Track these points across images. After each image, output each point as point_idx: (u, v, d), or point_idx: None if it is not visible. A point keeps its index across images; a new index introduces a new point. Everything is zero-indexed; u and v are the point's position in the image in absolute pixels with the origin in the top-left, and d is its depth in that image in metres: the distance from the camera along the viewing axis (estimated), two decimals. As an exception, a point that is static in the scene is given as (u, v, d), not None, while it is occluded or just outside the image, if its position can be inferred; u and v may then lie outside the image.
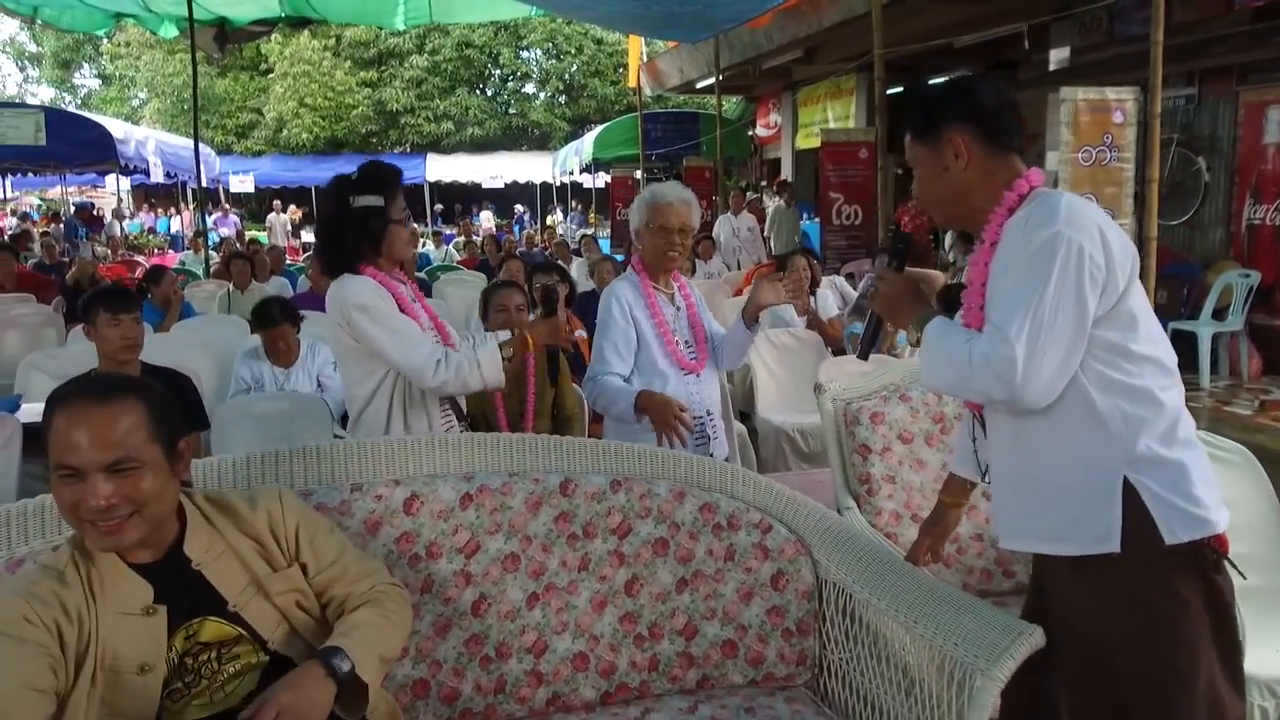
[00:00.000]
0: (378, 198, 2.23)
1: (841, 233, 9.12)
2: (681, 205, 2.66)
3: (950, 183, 1.67)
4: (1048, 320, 1.46)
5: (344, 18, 13.66)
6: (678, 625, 1.95)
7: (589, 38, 25.27)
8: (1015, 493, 1.64)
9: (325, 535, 1.60)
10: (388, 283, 2.27)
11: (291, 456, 1.83)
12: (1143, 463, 1.49)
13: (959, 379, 1.56)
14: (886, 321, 1.83)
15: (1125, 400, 1.51)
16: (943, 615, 1.68)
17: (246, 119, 25.25)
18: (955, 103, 1.66)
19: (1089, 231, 1.49)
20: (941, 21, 8.94)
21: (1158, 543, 1.47)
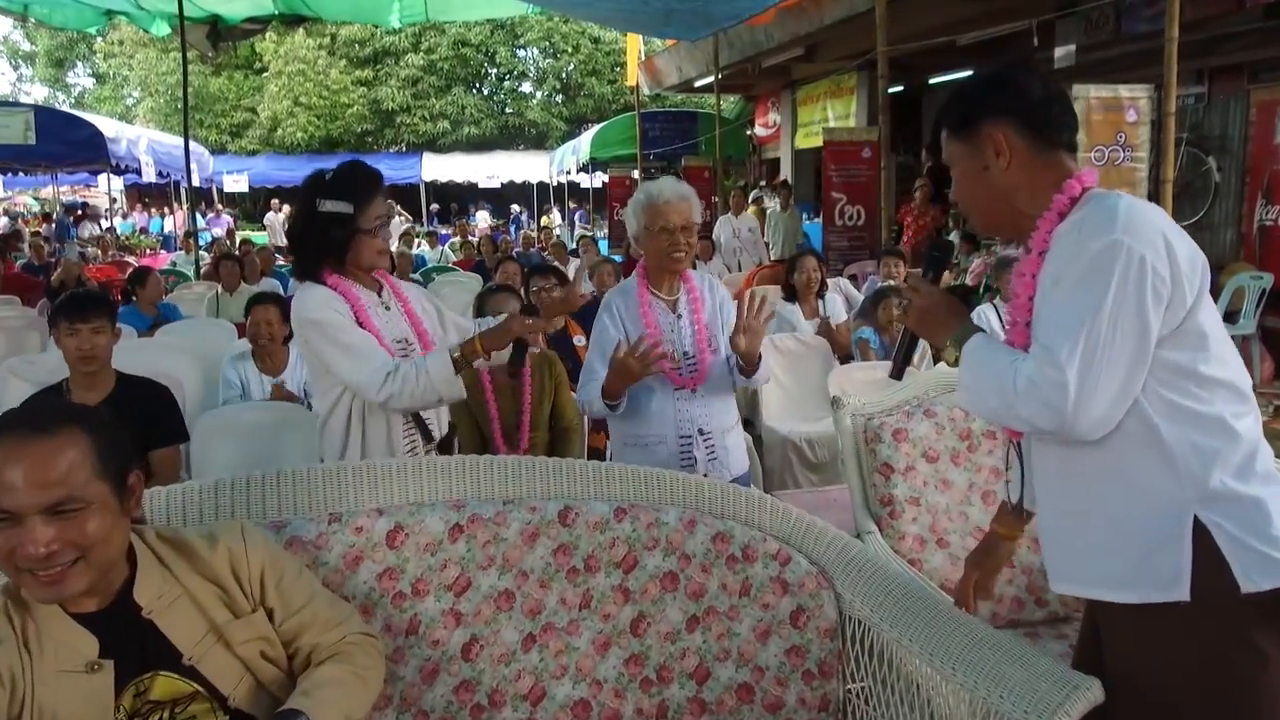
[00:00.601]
0: (346, 204, 2.10)
1: (844, 234, 8.96)
2: (680, 201, 2.48)
3: (991, 184, 1.52)
4: (1104, 341, 1.30)
5: (338, 16, 13.48)
6: (688, 668, 1.78)
7: (586, 36, 25.11)
8: (1067, 532, 1.48)
9: (294, 577, 1.44)
10: (349, 292, 2.14)
11: (264, 482, 1.66)
12: (1216, 500, 1.33)
13: (1001, 405, 1.40)
14: (921, 337, 1.66)
15: (1196, 430, 1.35)
16: (985, 662, 1.51)
17: (241, 118, 25.06)
18: (996, 95, 1.51)
19: (1151, 239, 1.32)
20: (945, 19, 8.79)
21: (1233, 590, 1.31)
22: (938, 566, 2.29)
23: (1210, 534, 1.32)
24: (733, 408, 2.68)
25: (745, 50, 12.03)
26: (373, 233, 2.15)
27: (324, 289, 2.14)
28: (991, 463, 2.39)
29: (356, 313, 2.16)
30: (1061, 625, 2.27)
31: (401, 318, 2.32)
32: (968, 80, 1.59)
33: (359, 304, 2.17)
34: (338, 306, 2.12)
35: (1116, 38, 8.15)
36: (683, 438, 2.54)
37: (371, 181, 2.17)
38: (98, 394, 2.89)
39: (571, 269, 8.87)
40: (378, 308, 2.26)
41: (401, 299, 2.35)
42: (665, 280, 2.59)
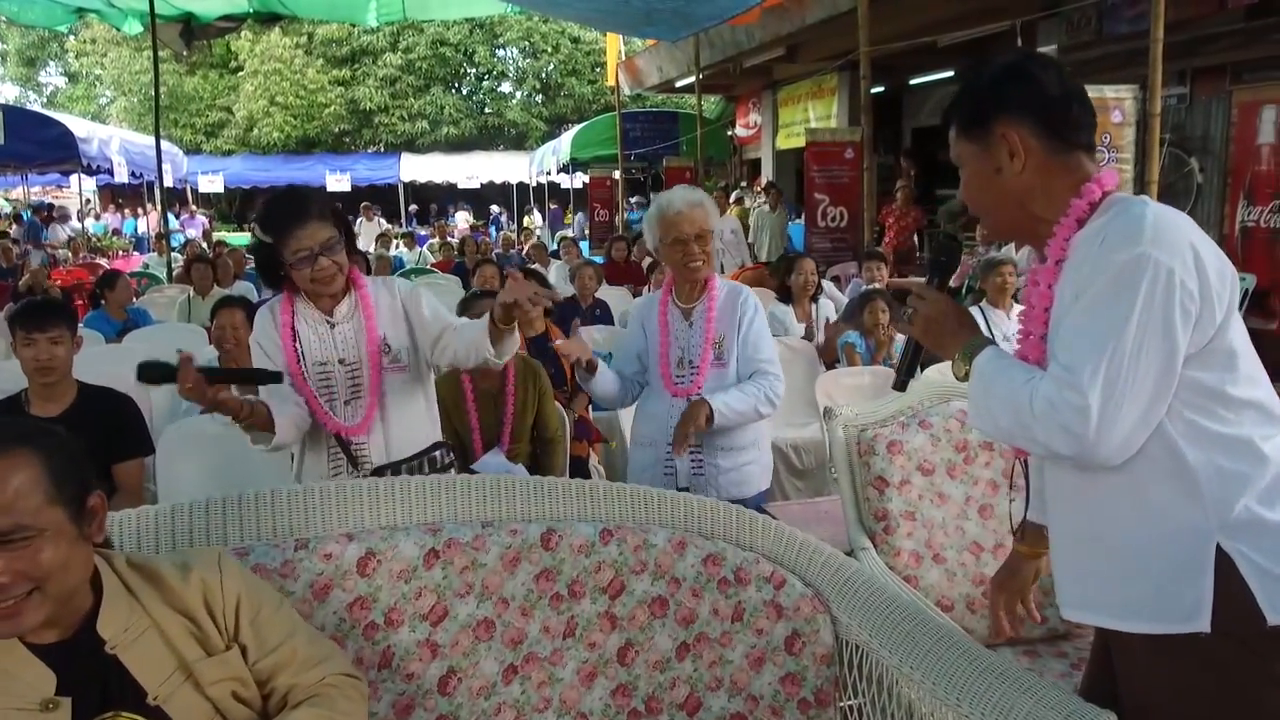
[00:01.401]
0: (268, 236, 2.11)
1: (827, 235, 8.91)
2: (691, 209, 2.52)
3: (1004, 187, 1.42)
4: (1129, 363, 1.22)
5: (315, 14, 13.33)
6: (679, 698, 1.69)
7: (566, 36, 24.99)
8: (1080, 557, 1.40)
9: (272, 611, 1.34)
10: (285, 314, 2.18)
11: (226, 506, 1.56)
12: (1240, 528, 1.25)
13: (1016, 426, 1.31)
14: (926, 348, 1.56)
15: (1222, 454, 1.27)
16: (991, 691, 1.43)
17: (216, 118, 24.74)
18: (1010, 90, 1.40)
19: (1180, 252, 1.23)
20: (927, 19, 8.77)
21: (1258, 622, 1.23)
22: (934, 583, 2.21)
23: (1234, 563, 1.25)
24: (743, 432, 2.61)
25: (726, 50, 11.97)
26: (294, 265, 2.10)
27: (268, 313, 2.23)
28: (989, 475, 2.32)
29: (282, 336, 2.18)
30: (1061, 643, 2.20)
31: (353, 335, 2.23)
32: (978, 72, 1.48)
33: (288, 326, 2.19)
34: (266, 333, 2.20)
35: (1098, 39, 8.15)
36: (669, 445, 2.53)
37: (290, 215, 2.09)
38: (57, 406, 2.78)
39: (553, 271, 8.79)
40: (319, 326, 2.22)
41: (367, 313, 2.25)
42: (686, 288, 2.64)
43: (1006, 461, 2.32)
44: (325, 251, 2.10)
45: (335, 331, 2.22)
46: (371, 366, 2.20)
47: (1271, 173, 6.83)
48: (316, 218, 2.10)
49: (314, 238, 2.08)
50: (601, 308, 5.96)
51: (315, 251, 2.09)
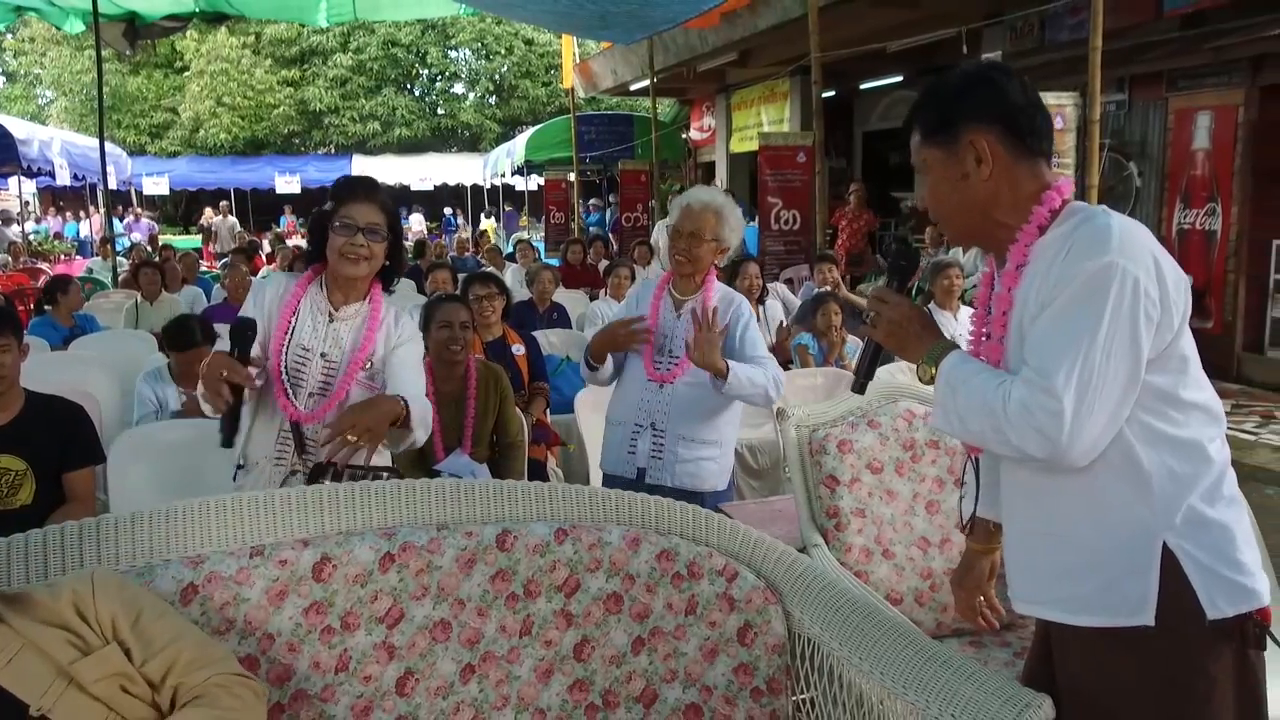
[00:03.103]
0: (330, 203, 2.22)
1: (780, 238, 9.02)
2: (701, 209, 2.58)
3: (969, 193, 1.44)
4: (1099, 367, 1.26)
5: (263, 14, 13.15)
6: (635, 691, 1.72)
7: (519, 38, 24.91)
8: (1032, 552, 1.44)
9: (154, 617, 1.33)
10: (304, 287, 2.25)
11: (184, 515, 1.55)
12: (1185, 526, 1.31)
13: (988, 429, 1.34)
14: (887, 350, 1.58)
15: (1173, 456, 1.32)
16: (935, 679, 1.48)
17: (161, 118, 24.24)
18: (978, 97, 1.42)
19: (1144, 261, 1.27)
20: (876, 25, 8.92)
21: (1197, 616, 1.29)
22: (884, 578, 2.27)
23: (1178, 561, 1.30)
24: (708, 428, 2.68)
25: (680, 54, 12.06)
26: (335, 229, 2.18)
27: (288, 279, 2.28)
28: (935, 473, 2.39)
29: (285, 308, 2.22)
30: (1005, 633, 2.28)
31: (347, 336, 2.24)
32: (943, 79, 1.49)
33: (295, 300, 2.23)
34: (267, 291, 2.25)
35: (1041, 46, 8.36)
36: (636, 425, 2.65)
37: (351, 186, 2.24)
38: (5, 415, 2.72)
39: (509, 275, 8.77)
40: (319, 314, 2.24)
41: (370, 325, 2.25)
42: (681, 280, 2.69)
43: (953, 459, 2.40)
44: (368, 232, 2.18)
45: (331, 326, 2.24)
46: (349, 372, 2.23)
47: (1206, 177, 7.09)
48: (379, 204, 2.21)
49: (365, 216, 2.18)
50: (559, 311, 5.97)
51: (359, 226, 2.17)
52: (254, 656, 1.49)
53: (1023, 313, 1.37)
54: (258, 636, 1.50)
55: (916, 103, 1.51)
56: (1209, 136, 7.10)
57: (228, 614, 1.49)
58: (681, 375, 2.64)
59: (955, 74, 1.48)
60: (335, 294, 2.26)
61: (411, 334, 2.33)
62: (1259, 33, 6.36)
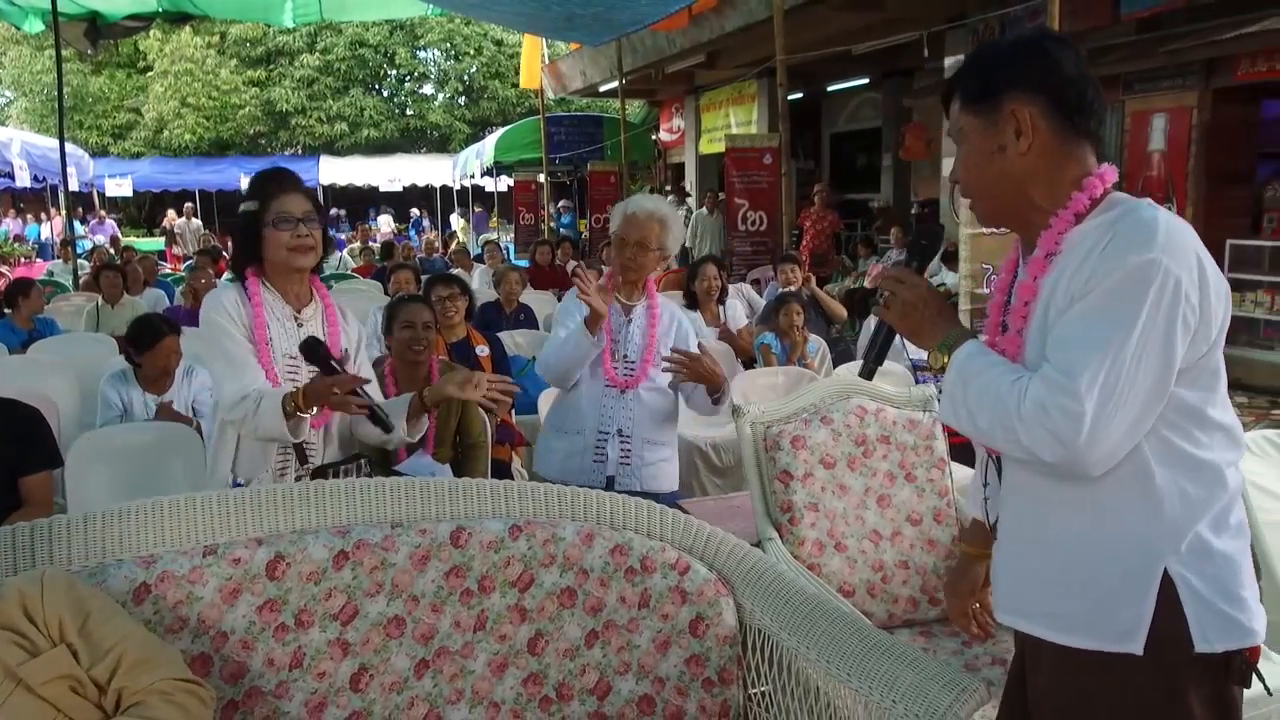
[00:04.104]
0: (254, 202, 2.16)
1: (747, 239, 9.09)
2: (647, 219, 2.60)
3: (1005, 168, 1.32)
4: (1128, 371, 1.16)
5: (227, 14, 13.04)
6: (589, 683, 1.75)
7: (489, 39, 24.83)
8: (1024, 562, 1.36)
9: (102, 619, 1.33)
10: (257, 297, 2.16)
11: (136, 514, 1.56)
12: (1189, 554, 1.23)
13: (998, 427, 1.24)
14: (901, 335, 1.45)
15: (1189, 478, 1.23)
16: (879, 667, 1.52)
17: (124, 119, 23.89)
18: (1026, 66, 1.30)
19: (1188, 262, 1.18)
20: (840, 29, 9.02)
21: (1185, 648, 1.22)
22: (836, 570, 2.32)
23: (1176, 588, 1.22)
24: (666, 430, 2.75)
25: (649, 56, 12.11)
26: (274, 225, 2.15)
27: (234, 290, 2.18)
28: (886, 467, 2.44)
29: (254, 317, 2.16)
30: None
31: (317, 334, 2.25)
32: (992, 44, 1.39)
33: (260, 309, 2.17)
34: (234, 311, 2.15)
35: (1001, 49, 8.49)
36: (600, 433, 2.64)
37: (277, 180, 2.20)
38: (-43, 419, 2.70)
39: (476, 276, 8.77)
40: (286, 320, 2.23)
41: (331, 322, 2.30)
42: (627, 287, 2.71)
43: (903, 454, 2.45)
44: (307, 221, 2.17)
45: (302, 330, 2.23)
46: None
47: (1161, 178, 7.24)
48: (304, 192, 2.22)
49: (300, 206, 2.17)
50: (526, 312, 5.99)
51: (298, 217, 2.15)
52: (207, 655, 1.50)
53: (1048, 305, 1.27)
54: (211, 635, 1.51)
55: (959, 68, 1.41)
56: (1164, 138, 7.25)
57: (180, 613, 1.50)
58: (644, 380, 2.68)
59: (1006, 39, 1.39)
60: (289, 295, 2.24)
61: (359, 332, 2.38)
62: (1211, 36, 6.51)
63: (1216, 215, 6.99)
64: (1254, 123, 7.20)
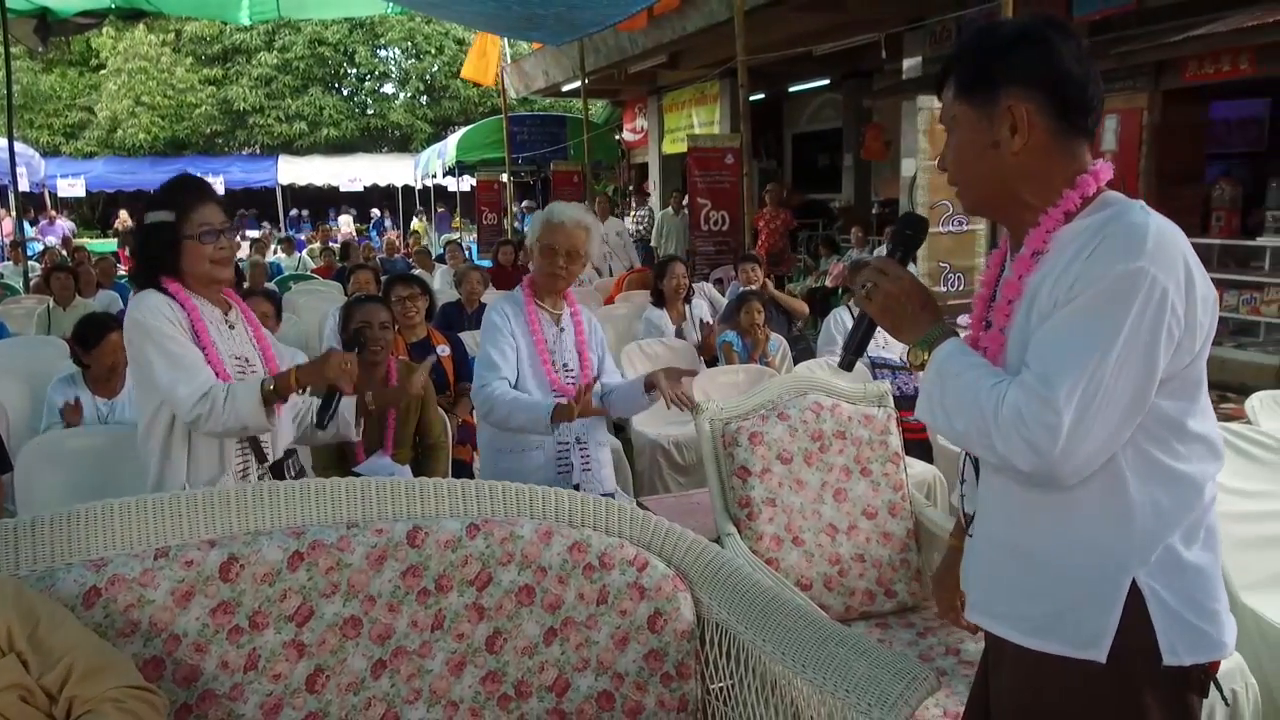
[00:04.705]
0: (168, 213, 2.09)
1: (710, 238, 9.13)
2: (575, 228, 2.58)
3: (996, 163, 1.29)
4: (1108, 385, 1.14)
5: (182, 10, 12.82)
6: (547, 680, 1.76)
7: (450, 37, 24.68)
8: (994, 562, 1.36)
9: (52, 627, 1.31)
10: (187, 301, 2.10)
11: (86, 517, 1.54)
12: (1159, 565, 1.21)
13: (974, 431, 1.22)
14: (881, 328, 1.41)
15: (1164, 490, 1.22)
16: (833, 658, 1.54)
17: (76, 118, 23.40)
18: (1026, 57, 1.25)
19: (1176, 272, 1.15)
20: (801, 30, 9.10)
21: (1153, 660, 1.21)
22: (794, 564, 2.35)
23: (1145, 600, 1.21)
24: (604, 427, 2.75)
25: (611, 56, 12.11)
26: (197, 239, 2.10)
27: (159, 295, 2.10)
28: (842, 462, 2.47)
29: (193, 323, 2.11)
30: (909, 614, 2.38)
31: (248, 340, 2.26)
32: (994, 28, 1.33)
33: (196, 313, 2.12)
34: (170, 314, 2.09)
35: (957, 50, 8.62)
36: (560, 444, 2.61)
37: (194, 190, 2.15)
38: (-99, 423, 2.64)
39: (438, 276, 8.72)
40: (219, 323, 2.20)
41: (250, 322, 2.31)
42: (549, 296, 2.68)
43: (859, 449, 2.49)
44: (227, 232, 2.15)
45: (234, 333, 2.23)
46: (272, 368, 2.24)
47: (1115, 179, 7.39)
48: (218, 202, 2.17)
49: (218, 216, 2.14)
50: (486, 312, 5.96)
51: (219, 228, 2.12)
52: (159, 658, 1.49)
53: (1031, 305, 1.25)
54: (163, 638, 1.49)
55: (958, 50, 1.35)
56: (1116, 139, 7.40)
57: (132, 616, 1.48)
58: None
59: (1008, 25, 1.33)
60: (214, 300, 2.20)
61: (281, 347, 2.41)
62: (1161, 39, 6.66)
63: (1167, 214, 7.01)
64: (1202, 123, 7.38)
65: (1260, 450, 2.53)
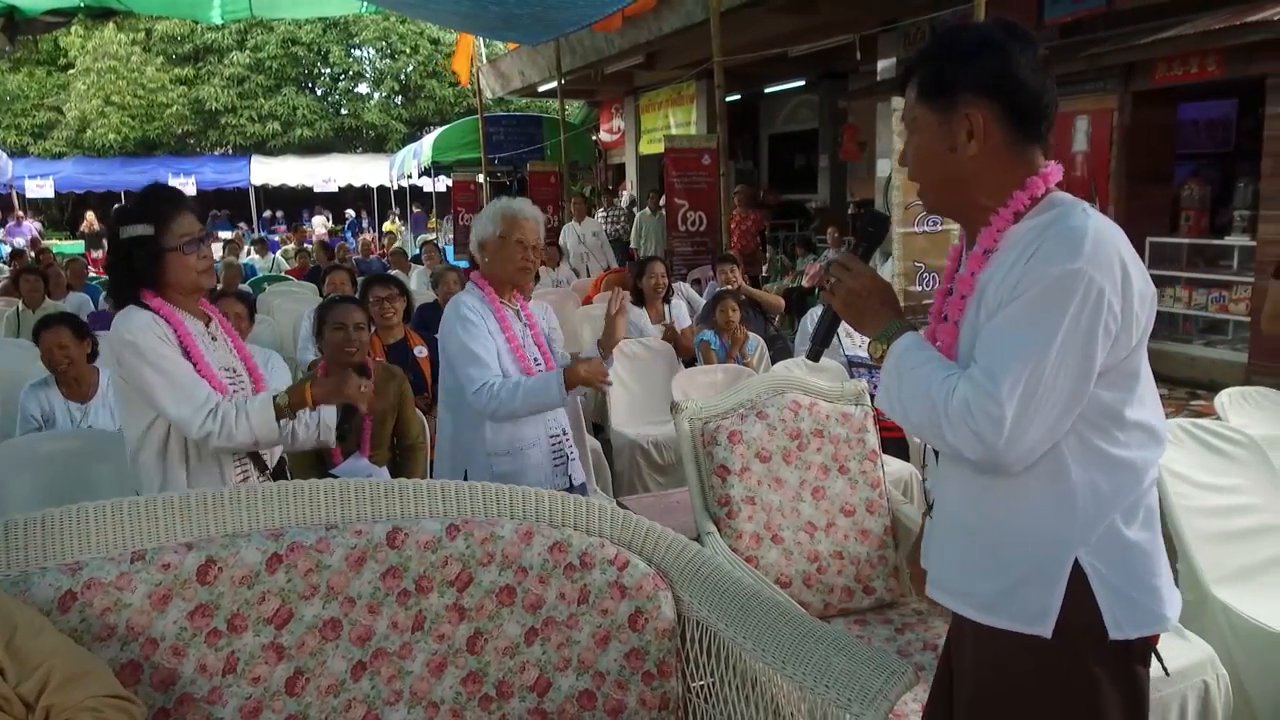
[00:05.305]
0: (146, 226, 2.05)
1: (687, 239, 9.15)
2: (536, 223, 2.60)
3: (954, 167, 1.35)
4: (1047, 379, 1.21)
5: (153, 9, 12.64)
6: (528, 680, 1.76)
7: (425, 37, 24.53)
8: (951, 543, 1.44)
9: (30, 634, 1.30)
10: (172, 316, 2.06)
11: (61, 520, 1.52)
12: (1100, 544, 1.29)
13: (926, 422, 1.30)
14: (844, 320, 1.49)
15: (1104, 475, 1.29)
16: (812, 654, 1.56)
17: (44, 118, 23.04)
18: (981, 66, 1.30)
19: (1112, 272, 1.22)
20: (777, 31, 9.14)
21: (1099, 635, 1.28)
22: (774, 562, 2.36)
23: (1088, 578, 1.29)
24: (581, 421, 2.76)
25: (588, 56, 12.11)
26: (180, 250, 2.07)
27: (146, 312, 2.05)
28: (820, 460, 2.49)
29: (181, 338, 2.07)
30: (888, 610, 2.40)
31: (230, 351, 2.24)
32: (956, 33, 1.37)
33: (183, 329, 2.09)
34: (160, 331, 2.04)
35: (931, 52, 8.69)
36: (553, 437, 2.62)
37: (171, 200, 2.11)
38: None
39: (414, 277, 8.67)
40: (203, 336, 2.17)
41: (229, 332, 2.28)
42: (508, 291, 2.65)
43: (836, 447, 2.50)
44: (203, 240, 2.12)
45: (217, 344, 2.20)
46: (256, 378, 2.24)
47: (1085, 178, 7.47)
48: (192, 209, 2.14)
49: (196, 226, 2.11)
50: (464, 313, 5.93)
51: (199, 238, 2.09)
52: (136, 662, 1.47)
53: (980, 301, 1.32)
54: (140, 642, 1.48)
55: (920, 53, 1.40)
56: (1087, 140, 7.48)
57: (108, 620, 1.47)
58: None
59: (970, 31, 1.36)
60: (196, 313, 2.18)
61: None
62: (1130, 41, 6.75)
63: (1137, 214, 7.25)
64: (1171, 125, 7.48)
65: (1230, 446, 2.57)
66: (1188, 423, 2.61)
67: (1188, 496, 2.43)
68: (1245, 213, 6.85)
